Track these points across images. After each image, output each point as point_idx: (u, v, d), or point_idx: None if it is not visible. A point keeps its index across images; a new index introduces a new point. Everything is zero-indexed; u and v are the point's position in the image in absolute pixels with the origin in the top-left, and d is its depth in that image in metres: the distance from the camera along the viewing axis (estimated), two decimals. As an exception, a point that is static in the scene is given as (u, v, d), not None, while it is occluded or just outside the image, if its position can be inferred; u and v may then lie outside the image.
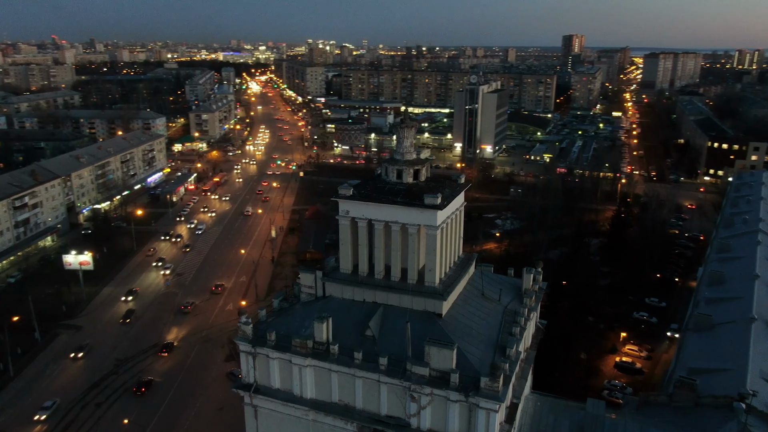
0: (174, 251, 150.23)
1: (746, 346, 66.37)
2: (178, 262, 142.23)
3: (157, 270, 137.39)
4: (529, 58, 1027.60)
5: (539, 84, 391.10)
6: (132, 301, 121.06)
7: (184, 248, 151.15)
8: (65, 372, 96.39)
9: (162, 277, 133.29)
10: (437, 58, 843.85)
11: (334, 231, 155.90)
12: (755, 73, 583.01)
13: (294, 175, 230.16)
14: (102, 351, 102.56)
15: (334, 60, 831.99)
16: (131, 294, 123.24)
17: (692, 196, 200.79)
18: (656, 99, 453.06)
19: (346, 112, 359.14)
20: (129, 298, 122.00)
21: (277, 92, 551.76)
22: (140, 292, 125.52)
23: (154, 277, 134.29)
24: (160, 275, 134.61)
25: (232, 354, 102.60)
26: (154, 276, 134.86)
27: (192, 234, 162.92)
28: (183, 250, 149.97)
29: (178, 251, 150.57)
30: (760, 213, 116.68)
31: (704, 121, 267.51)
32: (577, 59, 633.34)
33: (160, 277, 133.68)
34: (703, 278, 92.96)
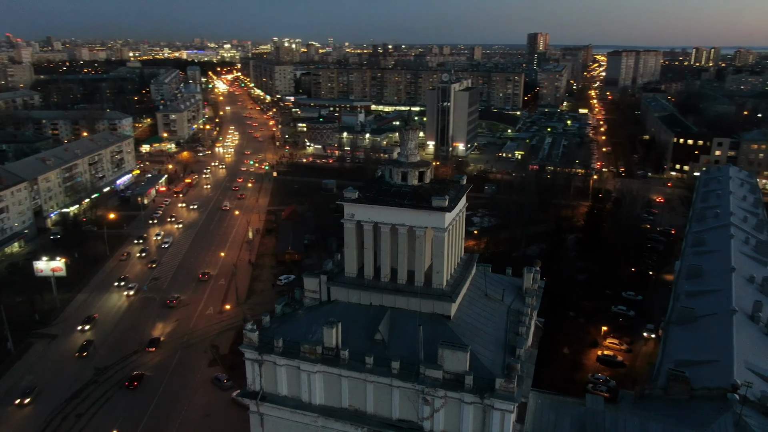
0: (148, 255, 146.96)
1: (729, 337, 68.34)
2: (147, 277, 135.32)
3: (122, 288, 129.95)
4: (495, 55, 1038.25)
5: (507, 82, 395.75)
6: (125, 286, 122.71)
7: (150, 263, 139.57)
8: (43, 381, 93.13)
9: (126, 294, 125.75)
10: (404, 56, 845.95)
11: (312, 231, 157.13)
12: (713, 70, 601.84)
13: (267, 175, 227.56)
14: (82, 359, 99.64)
15: (301, 58, 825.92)
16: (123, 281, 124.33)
17: (660, 191, 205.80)
18: (620, 96, 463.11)
19: (317, 110, 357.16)
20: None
21: (245, 91, 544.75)
22: (131, 278, 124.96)
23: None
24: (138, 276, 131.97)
25: (215, 359, 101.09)
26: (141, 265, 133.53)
27: (159, 248, 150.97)
28: (149, 266, 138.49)
29: (152, 255, 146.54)
30: (730, 207, 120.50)
31: (668, 118, 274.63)
32: (543, 57, 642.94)
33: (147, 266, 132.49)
34: (681, 272, 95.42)
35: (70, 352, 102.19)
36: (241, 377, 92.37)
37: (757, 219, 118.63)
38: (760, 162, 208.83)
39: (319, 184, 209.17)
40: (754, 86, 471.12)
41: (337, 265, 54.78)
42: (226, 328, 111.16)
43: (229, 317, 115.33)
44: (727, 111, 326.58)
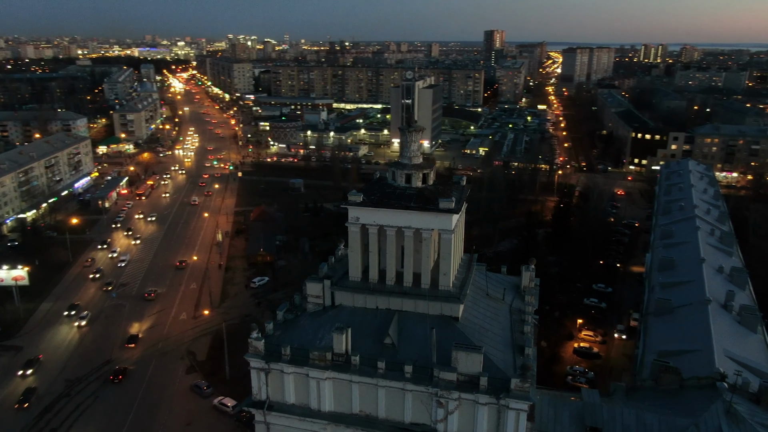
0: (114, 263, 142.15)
1: (707, 327, 70.75)
2: (119, 273, 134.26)
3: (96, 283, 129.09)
4: (452, 52, 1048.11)
5: (468, 79, 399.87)
6: (75, 317, 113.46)
7: (105, 286, 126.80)
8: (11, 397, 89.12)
9: (104, 292, 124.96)
10: (362, 53, 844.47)
11: (283, 232, 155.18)
12: (662, 66, 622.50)
13: (232, 176, 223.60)
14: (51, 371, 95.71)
15: (258, 56, 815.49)
16: (74, 308, 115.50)
17: (621, 185, 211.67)
18: (576, 92, 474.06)
19: (278, 109, 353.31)
20: (72, 312, 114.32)
21: (203, 89, 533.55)
22: (83, 305, 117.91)
23: (95, 290, 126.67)
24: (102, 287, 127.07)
25: (193, 366, 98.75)
26: (95, 288, 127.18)
27: (115, 268, 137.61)
28: (104, 288, 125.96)
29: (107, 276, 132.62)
30: (694, 200, 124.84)
31: (625, 113, 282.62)
32: (500, 54, 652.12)
33: (101, 290, 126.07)
34: (653, 264, 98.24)
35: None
36: (221, 384, 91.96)
37: (718, 211, 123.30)
38: (713, 155, 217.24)
39: (286, 183, 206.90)
40: (701, 82, 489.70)
41: (332, 268, 54.32)
42: (201, 334, 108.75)
43: (204, 322, 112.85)
44: (679, 106, 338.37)
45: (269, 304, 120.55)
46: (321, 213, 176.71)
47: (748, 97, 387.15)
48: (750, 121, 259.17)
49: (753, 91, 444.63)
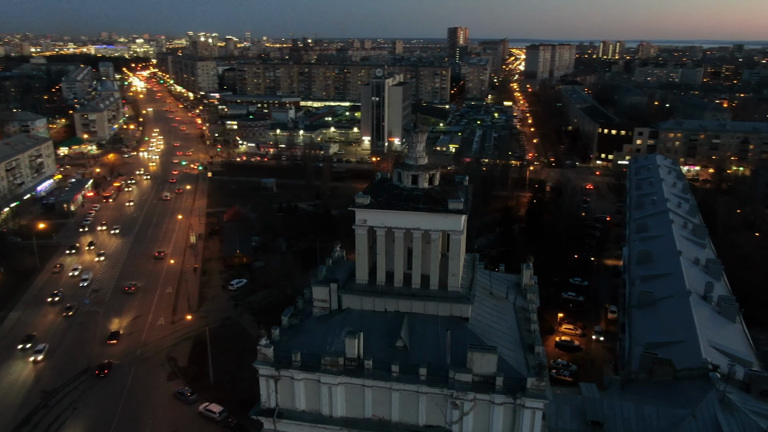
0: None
1: (690, 318, 72.76)
2: None
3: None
4: (416, 49, 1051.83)
5: (435, 76, 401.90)
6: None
7: (65, 311, 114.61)
8: None
9: None
10: (326, 51, 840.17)
11: (259, 232, 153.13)
12: (621, 63, 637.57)
13: (201, 176, 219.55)
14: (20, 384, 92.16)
15: (220, 53, 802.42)
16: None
17: (589, 179, 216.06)
18: (540, 88, 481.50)
19: (244, 107, 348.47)
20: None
21: (165, 88, 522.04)
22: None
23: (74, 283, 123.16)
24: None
25: (175, 372, 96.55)
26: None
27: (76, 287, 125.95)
28: (64, 314, 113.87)
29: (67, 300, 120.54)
30: (665, 194, 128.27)
31: (590, 109, 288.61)
32: (465, 51, 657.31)
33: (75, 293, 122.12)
34: (631, 257, 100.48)
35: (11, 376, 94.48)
36: (205, 389, 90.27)
37: (689, 204, 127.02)
38: (676, 149, 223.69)
39: (258, 183, 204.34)
40: (659, 78, 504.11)
41: (330, 270, 53.67)
42: (181, 339, 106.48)
43: (183, 327, 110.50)
44: (640, 102, 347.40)
45: (248, 307, 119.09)
46: (295, 212, 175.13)
47: (705, 93, 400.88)
48: (708, 116, 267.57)
49: (708, 87, 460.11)
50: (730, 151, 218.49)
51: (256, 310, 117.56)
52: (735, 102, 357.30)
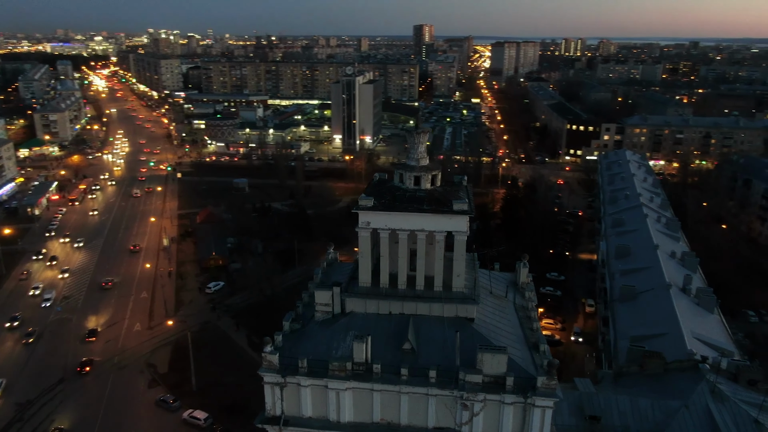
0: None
1: (673, 311, 74.53)
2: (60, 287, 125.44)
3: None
4: (381, 47, 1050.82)
5: (403, 73, 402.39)
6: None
7: (24, 338, 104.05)
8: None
9: None
10: (291, 48, 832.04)
11: (233, 234, 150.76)
12: (584, 60, 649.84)
13: (170, 177, 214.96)
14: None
15: (182, 51, 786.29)
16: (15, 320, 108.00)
17: (559, 175, 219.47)
18: (507, 85, 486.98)
19: (211, 106, 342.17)
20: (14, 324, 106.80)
21: (127, 87, 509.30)
22: (26, 320, 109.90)
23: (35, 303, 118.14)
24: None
25: (155, 379, 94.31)
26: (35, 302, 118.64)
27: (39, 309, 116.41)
28: (23, 341, 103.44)
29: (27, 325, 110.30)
30: (637, 189, 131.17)
31: (558, 106, 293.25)
32: (431, 48, 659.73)
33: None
34: (609, 252, 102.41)
35: None
36: (188, 396, 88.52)
37: (660, 198, 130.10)
38: (642, 144, 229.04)
39: (229, 183, 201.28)
40: (621, 74, 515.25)
41: (326, 273, 53.04)
42: (159, 345, 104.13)
43: (161, 332, 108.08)
44: (604, 98, 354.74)
45: (227, 310, 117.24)
46: (269, 213, 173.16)
47: (665, 89, 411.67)
48: (671, 112, 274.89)
49: (668, 83, 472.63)
50: (693, 146, 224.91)
51: (235, 313, 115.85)
52: (694, 98, 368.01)
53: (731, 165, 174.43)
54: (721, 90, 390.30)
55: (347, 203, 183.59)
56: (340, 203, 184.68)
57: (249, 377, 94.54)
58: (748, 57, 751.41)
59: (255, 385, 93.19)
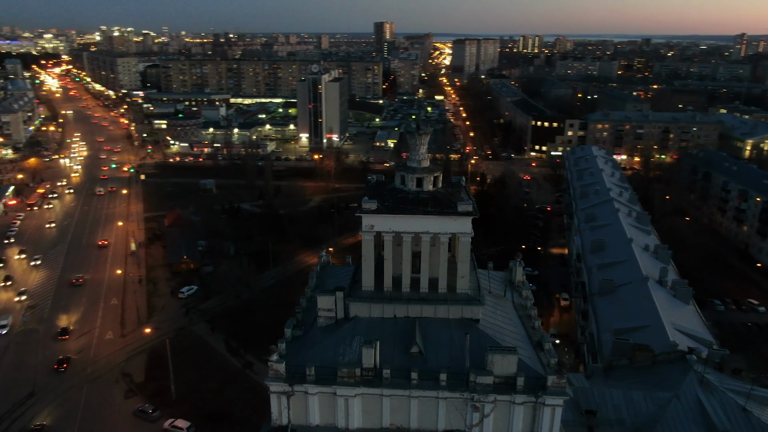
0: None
1: (652, 303, 76.38)
2: None
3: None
4: (342, 44, 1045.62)
5: (367, 71, 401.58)
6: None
7: None
8: None
9: None
10: (250, 46, 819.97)
11: (204, 236, 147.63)
12: (543, 57, 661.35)
13: (133, 179, 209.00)
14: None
15: (137, 49, 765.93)
16: None
17: (526, 171, 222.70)
18: (469, 82, 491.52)
19: (172, 106, 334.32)
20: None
21: (81, 86, 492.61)
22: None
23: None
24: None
25: (132, 389, 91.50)
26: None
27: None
28: None
29: None
30: (606, 184, 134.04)
31: (521, 102, 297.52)
32: (392, 46, 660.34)
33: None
34: (584, 246, 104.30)
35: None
36: (167, 405, 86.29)
37: (628, 193, 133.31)
38: (604, 140, 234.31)
39: (196, 184, 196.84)
40: (579, 71, 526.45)
41: (320, 277, 52.32)
42: (134, 353, 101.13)
43: (134, 340, 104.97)
44: (565, 94, 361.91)
45: (202, 314, 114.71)
46: (239, 214, 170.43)
47: (622, 85, 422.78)
48: (630, 107, 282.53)
49: (624, 79, 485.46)
50: (653, 141, 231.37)
51: (210, 317, 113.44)
52: (650, 93, 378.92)
53: (691, 159, 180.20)
54: (675, 86, 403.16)
55: (318, 203, 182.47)
56: (311, 203, 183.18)
57: (229, 383, 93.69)
58: (698, 53, 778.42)
59: (235, 391, 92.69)
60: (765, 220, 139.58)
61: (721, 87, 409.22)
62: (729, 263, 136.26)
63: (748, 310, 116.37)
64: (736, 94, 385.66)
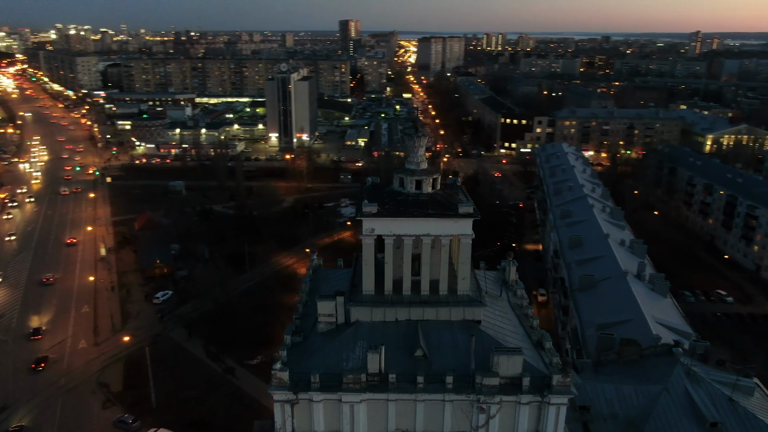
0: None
1: (633, 297, 77.95)
2: None
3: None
4: (306, 42, 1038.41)
5: (335, 69, 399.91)
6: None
7: None
8: None
9: None
10: (213, 44, 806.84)
11: (176, 240, 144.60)
12: (507, 54, 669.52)
13: (98, 182, 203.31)
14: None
15: (96, 48, 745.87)
16: None
17: (497, 168, 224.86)
18: (436, 80, 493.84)
19: (135, 106, 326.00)
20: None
21: (38, 86, 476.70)
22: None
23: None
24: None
25: (110, 399, 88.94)
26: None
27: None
28: None
29: None
30: (579, 180, 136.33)
31: (490, 100, 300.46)
32: (358, 44, 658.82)
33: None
34: (562, 242, 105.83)
35: None
36: (147, 414, 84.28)
37: (601, 189, 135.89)
38: (572, 136, 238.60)
39: (165, 186, 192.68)
40: (543, 68, 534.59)
41: (313, 281, 51.68)
42: (110, 361, 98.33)
43: (109, 348, 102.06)
44: (531, 91, 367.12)
45: (179, 320, 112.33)
46: (211, 216, 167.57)
47: (585, 82, 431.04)
48: (595, 104, 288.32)
49: (587, 76, 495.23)
50: (619, 137, 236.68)
51: (187, 322, 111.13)
52: (612, 90, 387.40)
53: (657, 154, 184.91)
54: (636, 82, 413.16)
55: (291, 203, 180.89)
56: (284, 203, 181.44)
57: (210, 390, 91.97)
58: (655, 51, 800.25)
59: (218, 398, 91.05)
60: (729, 213, 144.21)
61: (680, 83, 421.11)
62: (696, 255, 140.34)
63: (716, 300, 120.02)
64: (695, 90, 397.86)
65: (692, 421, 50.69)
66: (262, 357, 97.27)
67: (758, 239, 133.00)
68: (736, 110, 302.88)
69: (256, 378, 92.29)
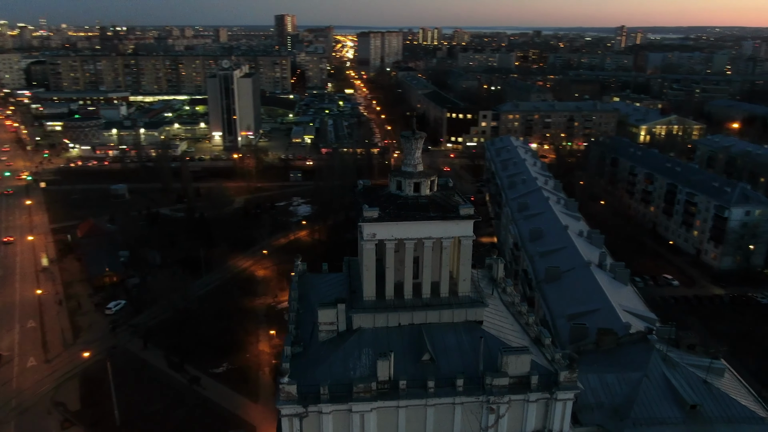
0: None
1: (599, 287, 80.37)
2: None
3: None
4: (241, 37, 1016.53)
5: (275, 65, 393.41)
6: None
7: None
8: None
9: None
10: (142, 40, 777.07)
11: (124, 246, 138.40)
12: (445, 49, 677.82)
13: (31, 188, 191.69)
14: None
15: (15, 44, 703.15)
16: None
17: (444, 162, 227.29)
18: (377, 75, 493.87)
19: (65, 105, 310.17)
20: None
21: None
22: None
23: None
24: None
25: (68, 419, 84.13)
26: None
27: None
28: None
29: None
30: (531, 173, 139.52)
31: (433, 95, 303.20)
32: (296, 39, 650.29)
33: None
34: (522, 235, 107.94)
35: None
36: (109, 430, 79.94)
37: (552, 181, 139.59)
38: (516, 129, 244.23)
39: (106, 190, 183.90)
40: (480, 63, 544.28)
41: (301, 286, 50.47)
42: (63, 379, 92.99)
43: (61, 365, 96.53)
44: (472, 86, 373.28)
45: (135, 330, 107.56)
46: (159, 220, 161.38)
47: (522, 75, 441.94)
48: (534, 97, 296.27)
49: (522, 69, 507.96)
50: (560, 129, 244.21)
51: (144, 332, 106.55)
52: (548, 83, 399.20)
53: (599, 146, 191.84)
54: (571, 76, 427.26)
55: (242, 203, 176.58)
56: (235, 204, 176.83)
57: (176, 402, 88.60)
58: (584, 45, 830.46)
59: (185, 411, 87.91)
60: (670, 201, 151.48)
61: (611, 76, 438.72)
62: (642, 242, 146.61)
63: (663, 284, 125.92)
64: (625, 82, 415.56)
65: (673, 404, 52.77)
66: (227, 364, 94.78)
67: (698, 224, 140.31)
68: (665, 102, 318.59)
69: (224, 386, 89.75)
